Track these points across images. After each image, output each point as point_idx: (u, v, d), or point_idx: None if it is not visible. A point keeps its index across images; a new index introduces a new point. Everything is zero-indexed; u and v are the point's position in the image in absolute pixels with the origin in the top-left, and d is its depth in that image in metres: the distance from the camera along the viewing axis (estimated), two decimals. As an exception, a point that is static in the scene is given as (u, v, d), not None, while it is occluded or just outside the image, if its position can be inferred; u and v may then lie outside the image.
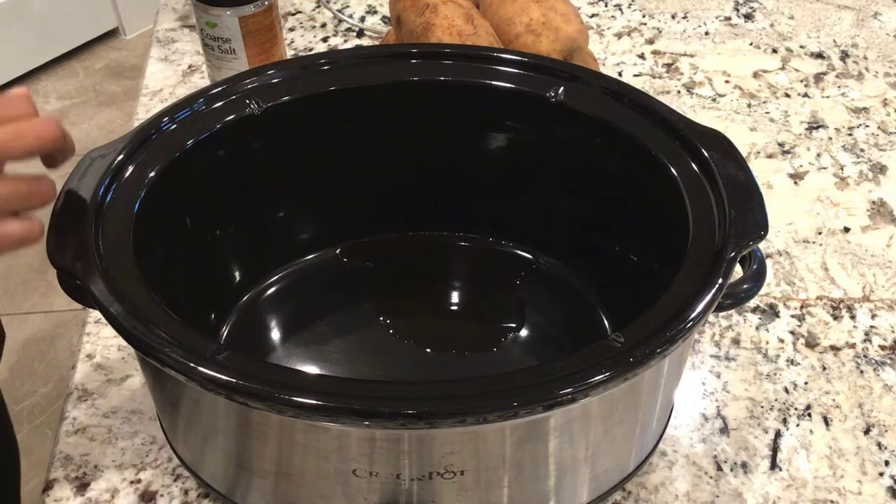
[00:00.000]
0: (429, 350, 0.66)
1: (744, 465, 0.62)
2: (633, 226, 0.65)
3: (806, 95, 0.97)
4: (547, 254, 0.72)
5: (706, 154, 0.57)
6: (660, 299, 0.49)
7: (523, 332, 0.67)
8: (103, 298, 0.48)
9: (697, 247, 0.53)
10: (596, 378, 0.45)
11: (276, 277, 0.70)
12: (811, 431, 0.65)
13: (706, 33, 1.06)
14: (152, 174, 0.57)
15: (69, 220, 0.53)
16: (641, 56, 1.02)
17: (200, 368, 0.45)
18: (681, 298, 0.49)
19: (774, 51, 1.03)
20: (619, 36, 1.05)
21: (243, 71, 0.65)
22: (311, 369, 0.64)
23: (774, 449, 0.64)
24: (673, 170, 0.58)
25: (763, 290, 0.74)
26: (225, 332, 0.66)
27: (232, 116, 0.62)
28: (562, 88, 0.63)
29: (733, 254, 0.51)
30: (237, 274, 0.69)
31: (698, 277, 0.50)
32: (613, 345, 0.47)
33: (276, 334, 0.68)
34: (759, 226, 0.53)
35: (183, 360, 0.45)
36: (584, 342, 0.48)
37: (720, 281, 0.50)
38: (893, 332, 0.72)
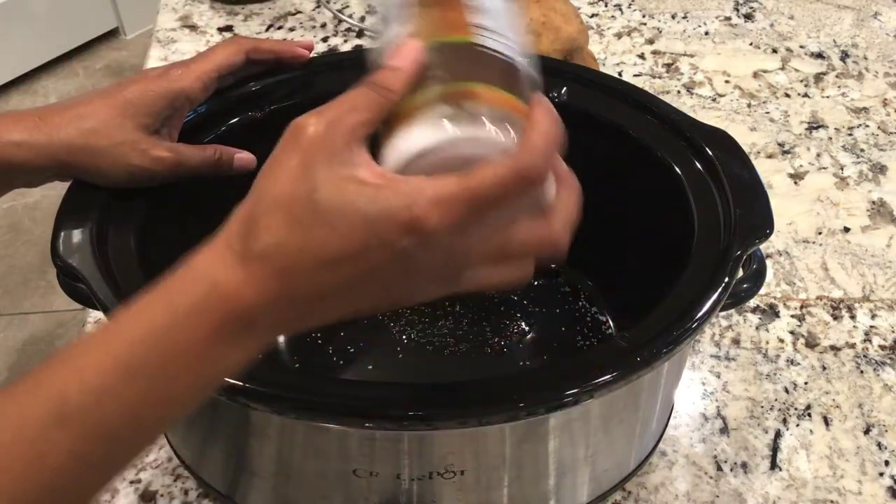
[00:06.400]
0: (433, 352, 0.66)
1: (744, 465, 0.63)
2: (638, 226, 0.65)
3: (806, 95, 0.97)
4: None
5: (711, 153, 0.57)
6: (665, 299, 0.49)
7: (528, 334, 0.67)
8: (106, 300, 0.48)
9: (703, 246, 0.53)
10: (602, 378, 0.45)
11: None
12: (811, 431, 0.65)
13: (706, 33, 1.06)
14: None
15: (73, 221, 0.53)
16: (641, 56, 1.02)
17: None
18: (687, 298, 0.49)
19: (774, 51, 1.03)
20: (619, 36, 1.05)
21: (247, 75, 0.65)
22: (314, 371, 0.64)
23: (774, 449, 0.64)
24: (678, 169, 0.58)
25: (763, 290, 0.74)
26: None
27: (235, 119, 0.62)
28: (565, 89, 0.63)
29: (739, 252, 0.51)
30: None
31: (704, 277, 0.50)
32: (619, 345, 0.47)
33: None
34: (765, 224, 0.53)
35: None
36: (590, 343, 0.48)
37: (726, 280, 0.49)
38: (893, 332, 0.72)
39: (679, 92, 0.96)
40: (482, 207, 0.36)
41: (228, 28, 1.05)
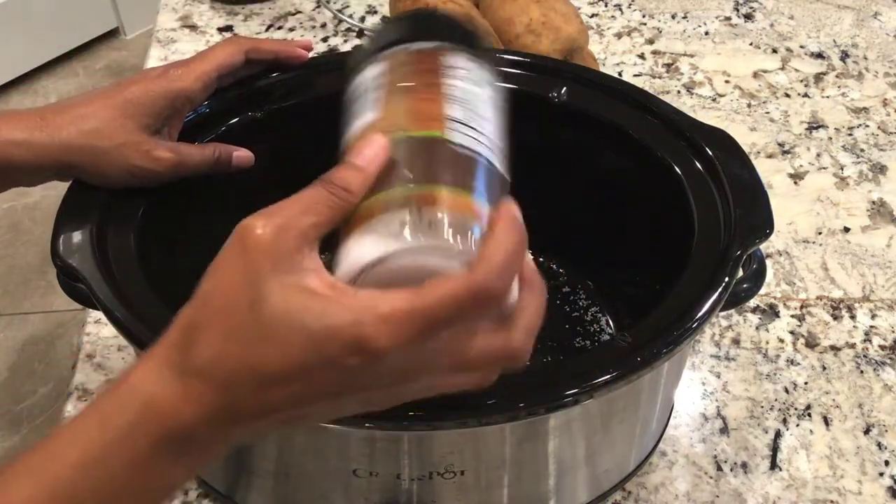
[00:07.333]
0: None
1: (744, 465, 0.63)
2: (638, 226, 0.65)
3: (806, 95, 0.97)
4: (550, 255, 0.72)
5: (711, 153, 0.57)
6: (665, 299, 0.49)
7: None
8: (106, 300, 0.48)
9: (703, 246, 0.53)
10: (602, 378, 0.45)
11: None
12: (811, 431, 0.65)
13: (706, 33, 1.06)
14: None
15: (73, 222, 0.53)
16: (641, 56, 1.02)
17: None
18: (687, 298, 0.49)
19: (774, 51, 1.03)
20: (619, 36, 1.05)
21: (246, 75, 0.65)
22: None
23: (774, 449, 0.64)
24: (677, 169, 0.58)
25: (763, 290, 0.74)
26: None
27: (235, 119, 0.62)
28: (564, 89, 0.63)
29: (739, 252, 0.51)
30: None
31: (704, 277, 0.50)
32: (619, 345, 0.47)
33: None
34: (765, 224, 0.53)
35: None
36: (589, 343, 0.48)
37: (726, 280, 0.49)
38: (893, 332, 0.72)
39: (679, 92, 0.96)
40: (435, 326, 0.34)
41: (228, 28, 1.05)
